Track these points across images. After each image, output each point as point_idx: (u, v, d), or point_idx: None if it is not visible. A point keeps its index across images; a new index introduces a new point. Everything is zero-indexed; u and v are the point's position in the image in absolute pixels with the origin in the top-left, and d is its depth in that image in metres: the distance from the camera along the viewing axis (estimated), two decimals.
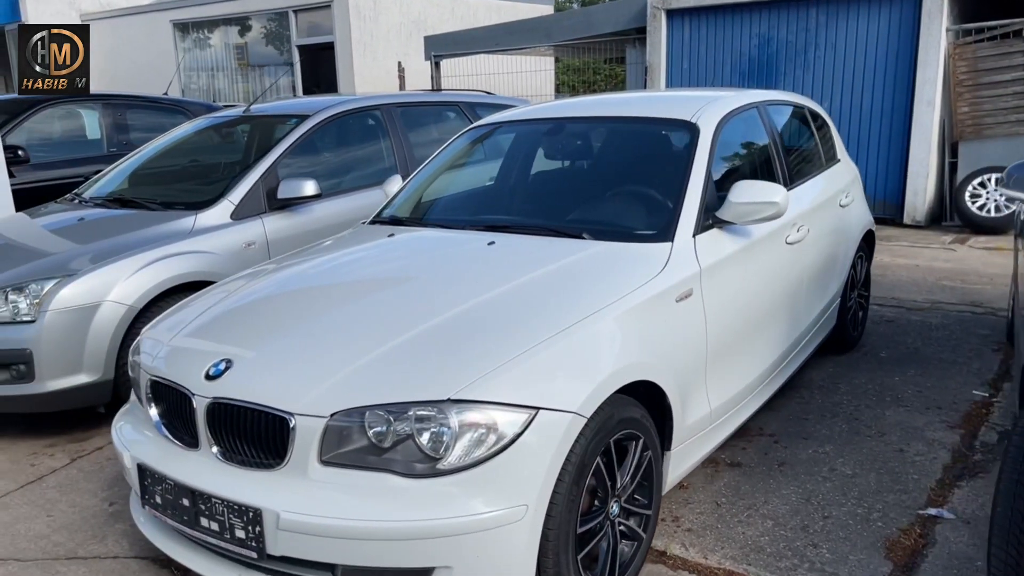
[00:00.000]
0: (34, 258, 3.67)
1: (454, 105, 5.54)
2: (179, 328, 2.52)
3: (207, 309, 2.61)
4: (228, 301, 2.66)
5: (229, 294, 2.72)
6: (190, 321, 2.55)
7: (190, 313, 2.65)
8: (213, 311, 2.59)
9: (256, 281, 2.80)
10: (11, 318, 3.44)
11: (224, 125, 5.05)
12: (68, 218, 4.19)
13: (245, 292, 2.71)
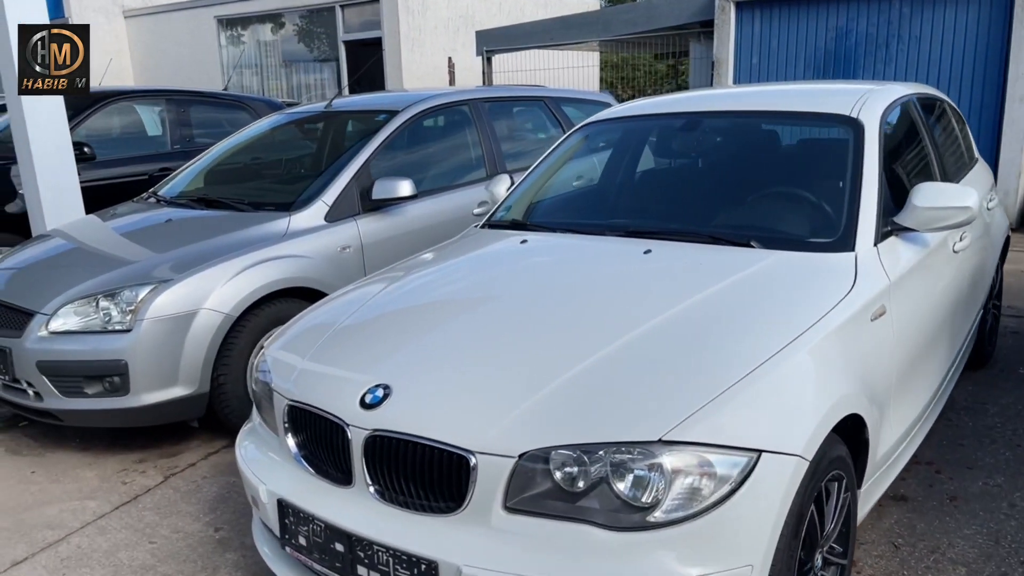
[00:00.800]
0: (122, 262, 3.45)
1: (539, 100, 5.26)
2: (312, 346, 2.27)
3: (338, 325, 2.35)
4: (360, 316, 2.39)
5: (357, 308, 2.45)
6: (322, 338, 2.29)
7: (317, 329, 2.40)
8: (346, 327, 2.33)
9: (385, 293, 2.53)
10: (102, 327, 3.23)
11: (304, 121, 4.81)
12: (153, 219, 3.97)
13: (376, 306, 2.45)
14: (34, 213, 5.20)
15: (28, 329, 3.26)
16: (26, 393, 3.35)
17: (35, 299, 3.32)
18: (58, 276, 3.46)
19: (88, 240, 3.89)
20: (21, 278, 3.59)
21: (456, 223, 4.33)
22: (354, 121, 4.53)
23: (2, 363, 3.35)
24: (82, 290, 3.27)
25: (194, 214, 3.90)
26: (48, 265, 3.67)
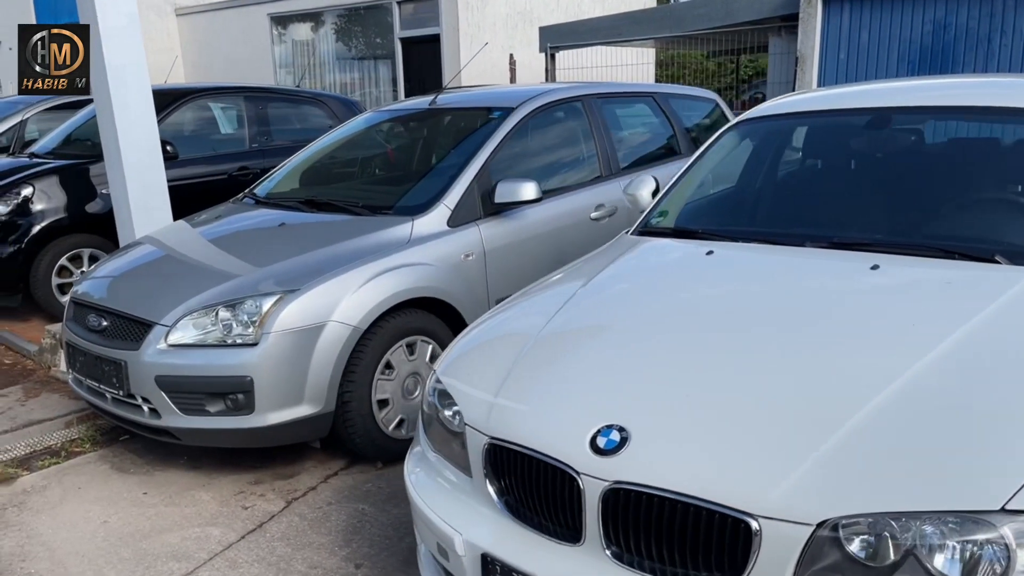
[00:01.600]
0: (240, 270, 3.21)
1: (648, 96, 4.95)
2: (501, 375, 1.98)
3: (525, 350, 2.07)
4: (549, 340, 2.11)
5: (539, 330, 2.16)
6: (512, 366, 2.01)
7: (498, 354, 2.12)
8: (538, 354, 2.04)
9: (566, 312, 2.24)
10: (224, 340, 2.99)
11: (406, 119, 4.56)
12: (264, 223, 3.74)
13: (564, 327, 2.16)
14: (121, 213, 5.02)
15: (146, 341, 3.04)
16: (140, 409, 3.13)
17: (152, 309, 3.10)
18: (173, 285, 3.23)
19: (196, 246, 3.67)
20: (131, 287, 3.38)
21: (575, 228, 4.06)
22: (463, 119, 4.26)
23: (115, 377, 3.14)
24: (203, 300, 3.04)
25: (309, 218, 3.65)
26: (157, 273, 3.46)
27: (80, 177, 5.52)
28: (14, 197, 5.30)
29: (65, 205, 5.41)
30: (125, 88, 4.86)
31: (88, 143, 6.32)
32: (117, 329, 3.18)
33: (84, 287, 3.58)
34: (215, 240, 3.71)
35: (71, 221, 5.42)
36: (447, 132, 4.27)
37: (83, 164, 5.61)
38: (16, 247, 5.22)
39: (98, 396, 3.34)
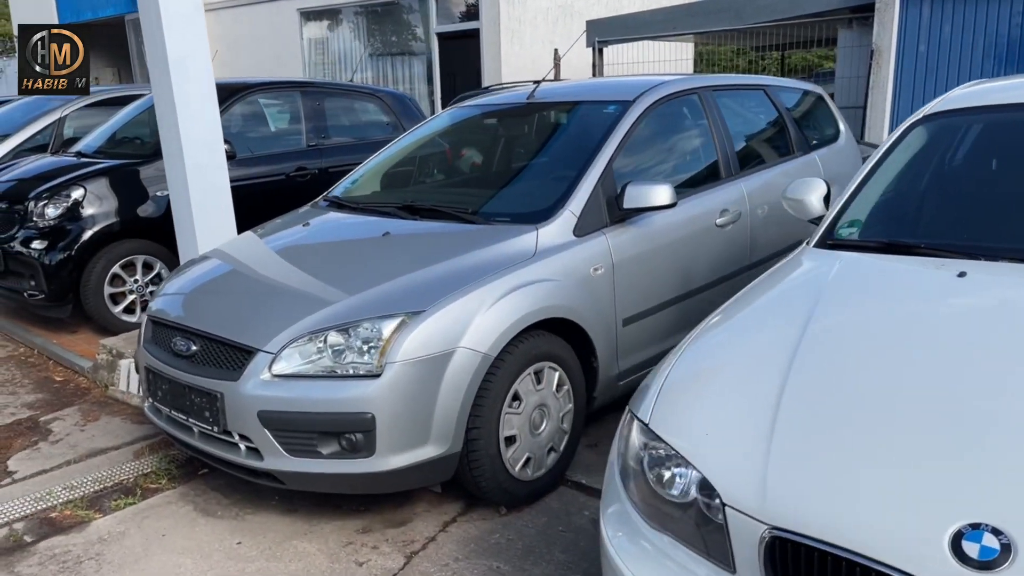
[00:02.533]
0: (349, 288, 2.79)
1: (758, 88, 4.51)
2: (762, 435, 1.55)
3: (785, 401, 1.63)
4: (813, 389, 1.67)
5: (781, 373, 1.73)
6: (772, 423, 1.57)
7: (734, 403, 1.69)
8: (811, 408, 1.61)
9: (809, 353, 1.79)
10: (331, 369, 2.58)
11: (500, 114, 4.12)
12: (364, 232, 3.31)
13: (821, 373, 1.72)
14: (181, 217, 4.62)
15: (247, 371, 2.62)
16: (236, 448, 2.72)
17: (252, 333, 2.68)
18: (271, 305, 2.82)
19: (286, 259, 3.26)
20: (220, 306, 2.96)
21: (701, 236, 3.63)
22: (571, 114, 3.83)
23: (208, 410, 2.73)
24: (311, 323, 2.62)
25: (416, 227, 3.23)
26: (247, 291, 3.04)
27: (131, 178, 5.13)
28: (63, 200, 4.92)
29: (116, 208, 5.02)
30: (187, 82, 4.47)
31: (137, 141, 5.95)
32: (210, 355, 2.77)
33: (161, 305, 3.18)
34: (308, 252, 3.30)
35: (122, 226, 5.03)
36: (552, 129, 3.85)
37: (134, 164, 5.21)
38: (66, 254, 4.83)
39: (182, 429, 2.93)
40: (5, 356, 5.03)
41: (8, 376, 4.67)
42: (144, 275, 5.12)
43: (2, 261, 5.04)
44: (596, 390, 3.21)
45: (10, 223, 5.06)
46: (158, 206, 5.15)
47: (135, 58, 18.45)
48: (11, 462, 3.57)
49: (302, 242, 3.39)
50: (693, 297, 3.59)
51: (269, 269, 3.15)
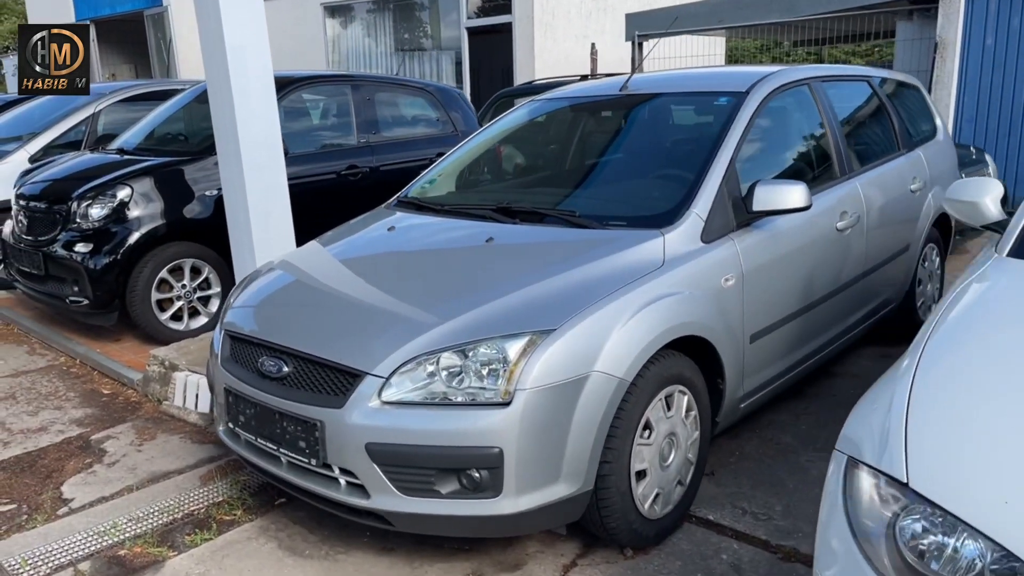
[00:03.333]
0: (461, 302, 2.47)
1: (863, 79, 4.17)
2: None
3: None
4: None
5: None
6: None
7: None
8: None
9: None
10: (445, 396, 2.25)
11: (590, 107, 3.79)
12: (464, 238, 2.98)
13: None
14: (237, 219, 4.31)
15: (353, 397, 2.30)
16: (335, 483, 2.41)
17: (358, 353, 2.36)
18: (373, 321, 2.50)
19: (378, 268, 2.94)
20: (310, 321, 2.63)
21: (823, 242, 3.31)
22: (675, 107, 3.50)
23: (304, 440, 2.41)
24: (424, 343, 2.30)
25: (521, 232, 2.90)
26: (340, 305, 2.71)
27: (177, 177, 4.83)
28: (109, 200, 4.61)
29: (163, 209, 4.71)
30: (246, 74, 4.16)
31: (181, 138, 5.65)
32: (306, 377, 2.45)
33: (238, 318, 2.86)
34: (401, 261, 2.97)
35: (169, 228, 4.72)
36: (655, 123, 3.51)
37: (180, 162, 4.91)
38: (112, 258, 4.53)
39: (267, 458, 2.62)
40: (46, 366, 4.73)
41: (51, 388, 4.37)
42: (192, 280, 4.82)
43: (42, 265, 4.75)
44: (720, 414, 2.88)
45: (50, 225, 4.76)
46: (206, 207, 4.84)
47: (153, 53, 18.20)
48: (66, 488, 3.27)
49: (390, 249, 3.06)
50: (814, 309, 3.27)
51: (361, 280, 2.83)
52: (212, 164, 4.89)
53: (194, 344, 4.34)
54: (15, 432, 3.82)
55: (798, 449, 3.28)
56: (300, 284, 2.94)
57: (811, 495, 2.91)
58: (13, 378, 4.53)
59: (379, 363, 2.30)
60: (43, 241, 4.74)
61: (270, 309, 2.82)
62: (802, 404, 3.69)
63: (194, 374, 3.94)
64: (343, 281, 2.81)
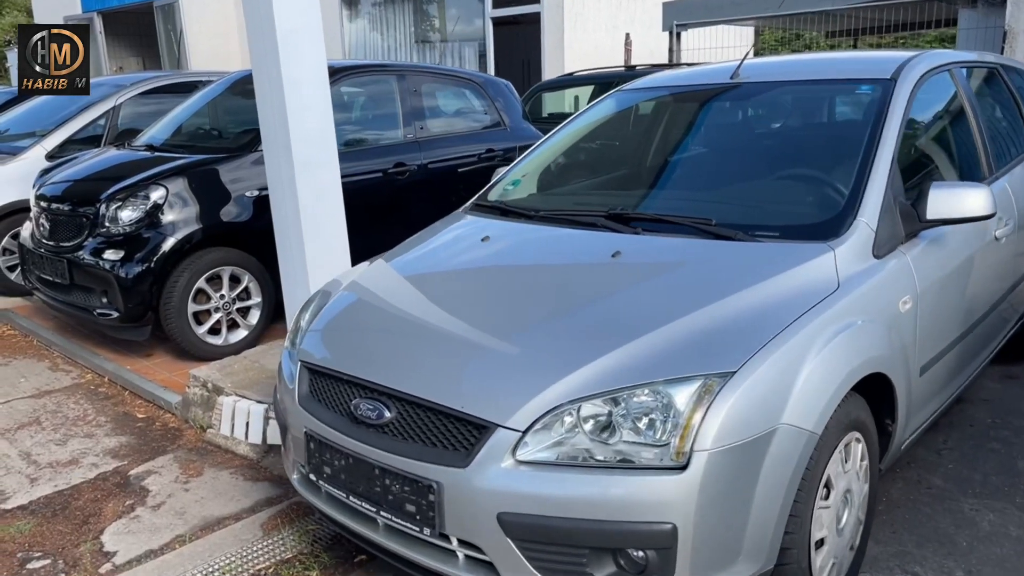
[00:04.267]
0: (594, 334, 2.02)
1: (993, 66, 3.71)
2: None
3: None
4: None
5: None
6: None
7: None
8: None
9: None
10: (588, 454, 1.80)
11: (695, 97, 3.32)
12: (583, 250, 2.51)
13: None
14: (285, 223, 3.86)
15: (481, 454, 1.86)
16: (453, 558, 1.96)
17: (484, 401, 1.92)
18: (498, 360, 2.04)
19: (486, 290, 2.47)
20: (415, 358, 2.17)
21: (984, 252, 2.85)
22: (801, 97, 3.05)
23: (414, 504, 1.96)
24: (568, 389, 1.85)
25: (655, 244, 2.43)
26: (449, 338, 2.22)
27: (213, 177, 4.37)
28: (141, 202, 4.16)
29: (200, 212, 4.26)
30: (299, 61, 3.71)
31: (214, 133, 5.21)
32: (416, 427, 2.00)
33: (317, 347, 2.40)
34: (510, 281, 2.49)
35: (205, 233, 4.27)
36: (782, 115, 3.06)
37: (215, 160, 4.45)
38: (146, 266, 4.08)
39: (359, 518, 2.17)
40: (71, 385, 4.30)
41: (79, 412, 3.93)
42: (231, 290, 4.37)
43: (66, 273, 4.30)
44: (884, 460, 2.44)
45: (76, 229, 4.32)
46: (245, 209, 4.40)
47: (163, 45, 17.73)
48: (107, 537, 2.83)
49: (491, 264, 2.59)
50: (974, 331, 2.82)
51: (466, 304, 2.36)
52: (250, 162, 4.46)
53: (238, 363, 3.90)
54: (43, 465, 3.38)
55: (954, 494, 2.83)
56: (391, 308, 2.48)
57: (993, 556, 2.46)
58: (36, 399, 4.09)
59: (512, 413, 1.85)
60: (68, 247, 4.30)
61: (358, 339, 2.37)
62: (939, 437, 3.24)
63: (243, 399, 3.50)
64: (445, 305, 2.35)
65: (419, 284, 2.56)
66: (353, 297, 2.59)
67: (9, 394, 4.16)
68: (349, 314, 2.51)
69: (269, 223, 4.40)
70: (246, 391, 3.56)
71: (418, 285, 2.56)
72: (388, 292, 2.55)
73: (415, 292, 2.51)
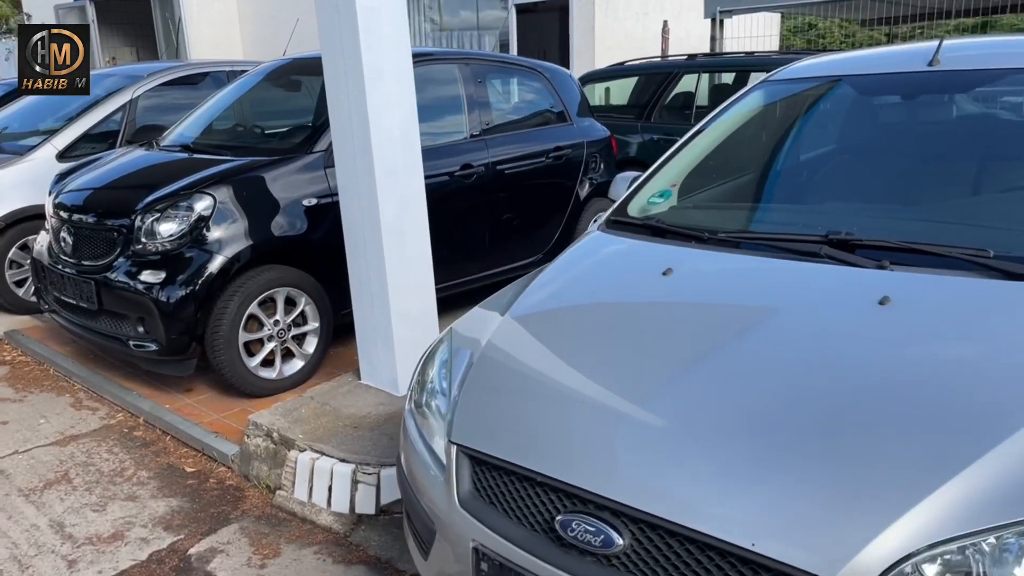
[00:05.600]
0: (918, 440, 1.43)
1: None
2: None
3: None
4: None
5: None
6: None
7: None
8: None
9: None
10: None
11: (891, 88, 2.71)
12: (815, 290, 1.92)
13: None
14: (363, 240, 3.26)
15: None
16: None
17: (778, 536, 1.32)
18: (779, 466, 1.44)
19: (705, 350, 1.84)
20: (656, 460, 1.54)
21: None
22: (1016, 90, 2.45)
23: None
24: (917, 532, 1.26)
25: (933, 286, 1.82)
26: (698, 428, 1.60)
27: (263, 183, 3.74)
28: (184, 213, 3.53)
29: (251, 225, 3.63)
30: (380, 45, 3.10)
31: (256, 131, 4.57)
32: (663, 561, 1.40)
33: (481, 430, 1.77)
34: (746, 338, 1.86)
35: (257, 249, 3.64)
36: (989, 116, 2.46)
37: (266, 163, 3.82)
38: (190, 289, 3.45)
39: None
40: (100, 427, 3.67)
41: (115, 464, 3.31)
42: (286, 314, 3.75)
43: (94, 296, 3.66)
44: None
45: (106, 245, 3.68)
46: (300, 220, 3.77)
47: (160, 34, 16.97)
48: None
49: (700, 317, 1.96)
50: None
51: (699, 381, 1.70)
52: (305, 166, 3.83)
53: (305, 406, 3.29)
54: (80, 541, 2.77)
55: None
56: (580, 380, 1.83)
57: None
58: (62, 446, 3.47)
59: (840, 565, 1.25)
60: (96, 266, 3.66)
61: (547, 423, 1.74)
62: None
63: (322, 456, 2.90)
64: (666, 379, 1.71)
65: (606, 343, 1.92)
66: (513, 359, 1.97)
67: (29, 440, 3.54)
68: (514, 384, 1.89)
69: (326, 235, 3.80)
70: (323, 444, 2.96)
71: (606, 344, 1.92)
72: (565, 353, 1.93)
73: (608, 356, 1.87)
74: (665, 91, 6.83)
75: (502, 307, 2.21)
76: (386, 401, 3.31)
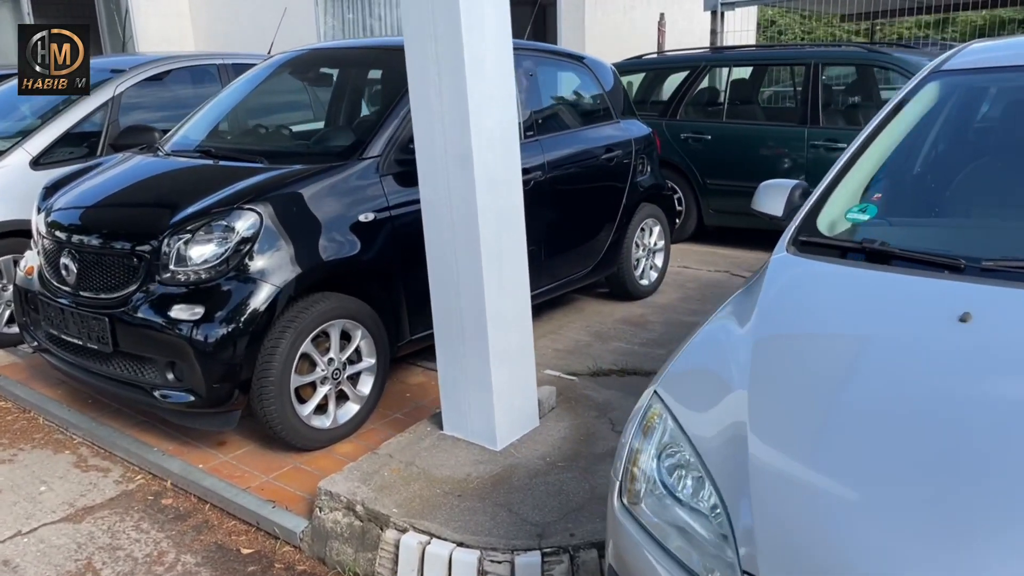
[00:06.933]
0: None
1: None
2: None
3: None
4: None
5: None
6: None
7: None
8: None
9: None
10: None
11: None
12: None
13: None
14: (450, 261, 2.70)
15: None
16: None
17: None
18: None
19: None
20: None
21: None
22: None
23: None
24: None
25: None
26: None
27: (311, 197, 3.13)
28: (222, 234, 2.90)
29: (299, 248, 3.02)
30: (483, 29, 2.55)
31: (284, 133, 3.94)
32: None
33: (780, 561, 1.28)
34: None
35: (307, 275, 3.03)
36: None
37: (311, 173, 3.20)
38: (233, 326, 2.82)
39: None
40: (117, 494, 3.01)
41: (150, 547, 2.67)
42: (341, 350, 3.16)
43: (108, 336, 3.00)
44: None
45: (124, 272, 3.02)
46: (353, 239, 3.18)
47: (104, 27, 15.81)
48: None
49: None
50: None
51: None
52: (359, 174, 3.24)
53: (386, 468, 2.71)
54: None
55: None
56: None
57: None
58: (75, 523, 2.81)
59: None
60: (111, 300, 3.00)
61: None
62: None
63: (436, 540, 2.33)
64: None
65: (933, 443, 1.41)
66: (806, 471, 1.44)
67: (32, 515, 2.86)
68: (829, 508, 1.36)
69: (380, 256, 3.23)
70: (427, 522, 2.40)
71: (933, 445, 1.40)
72: (887, 457, 1.40)
73: (953, 461, 1.36)
74: (692, 86, 6.40)
75: (722, 374, 1.69)
76: (484, 458, 2.76)
